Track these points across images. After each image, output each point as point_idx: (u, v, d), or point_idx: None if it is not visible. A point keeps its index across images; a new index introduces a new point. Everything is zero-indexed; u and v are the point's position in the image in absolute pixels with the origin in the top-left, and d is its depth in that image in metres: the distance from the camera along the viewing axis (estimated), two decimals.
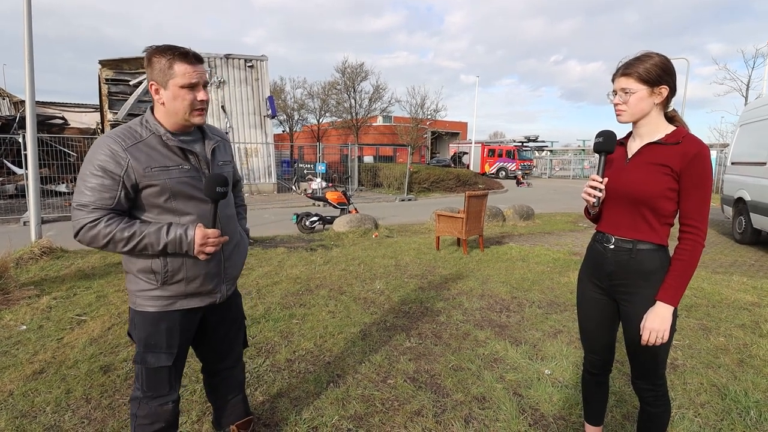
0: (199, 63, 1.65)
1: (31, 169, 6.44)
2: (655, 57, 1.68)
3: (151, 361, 1.71)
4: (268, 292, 4.76)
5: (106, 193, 1.55)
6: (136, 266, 1.67)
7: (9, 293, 4.52)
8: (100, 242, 1.56)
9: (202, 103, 1.65)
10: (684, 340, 3.58)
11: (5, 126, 17.67)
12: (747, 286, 5.13)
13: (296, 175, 21.29)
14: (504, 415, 2.55)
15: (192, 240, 1.59)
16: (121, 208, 1.60)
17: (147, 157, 1.59)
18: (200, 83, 1.64)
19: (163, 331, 1.71)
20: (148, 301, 1.69)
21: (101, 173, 1.55)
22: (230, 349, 2.03)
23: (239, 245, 1.92)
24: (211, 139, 1.79)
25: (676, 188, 1.67)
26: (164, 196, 1.62)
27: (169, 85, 1.60)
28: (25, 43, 6.20)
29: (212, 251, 1.64)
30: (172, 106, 1.63)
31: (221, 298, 1.83)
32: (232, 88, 18.35)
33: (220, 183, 1.62)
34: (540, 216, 11.59)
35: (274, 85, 32.52)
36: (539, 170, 38.12)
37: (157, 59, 1.60)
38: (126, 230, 1.55)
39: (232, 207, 1.90)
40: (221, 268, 1.79)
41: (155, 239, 1.57)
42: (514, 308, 4.33)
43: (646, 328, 1.68)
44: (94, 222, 1.54)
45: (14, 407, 2.59)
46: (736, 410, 2.60)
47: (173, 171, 1.63)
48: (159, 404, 1.76)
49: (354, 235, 8.35)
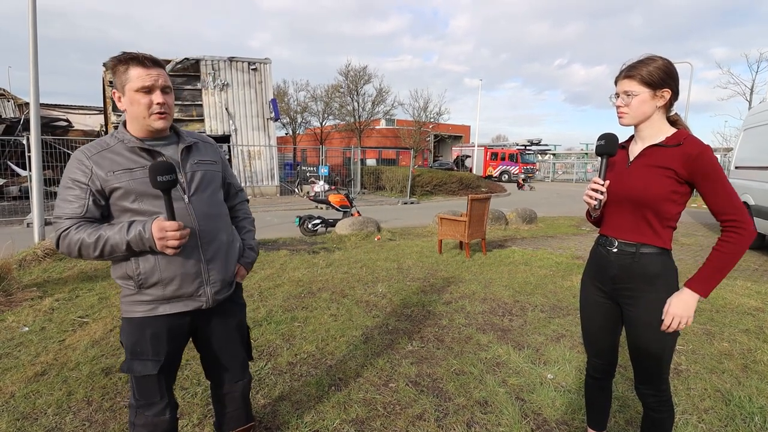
0: (156, 66, 1.63)
1: (35, 171, 6.47)
2: (659, 60, 1.67)
3: (137, 369, 1.69)
4: (270, 295, 4.75)
5: (75, 203, 1.58)
6: (116, 273, 1.68)
7: (12, 295, 4.53)
8: (74, 250, 1.58)
9: (161, 106, 1.63)
10: (688, 345, 3.56)
11: (10, 128, 17.78)
12: (751, 290, 5.10)
13: (299, 177, 21.31)
14: (506, 419, 2.53)
15: (150, 235, 1.56)
16: (91, 216, 1.60)
17: (110, 162, 1.61)
18: (155, 86, 1.62)
19: (148, 337, 1.69)
20: (131, 307, 1.69)
21: (71, 184, 1.59)
22: (230, 360, 1.96)
23: (228, 248, 1.86)
24: (186, 140, 1.77)
25: (679, 191, 1.66)
26: (130, 197, 1.61)
27: (126, 90, 1.61)
28: (30, 45, 6.23)
29: (176, 244, 1.59)
30: (131, 111, 1.63)
31: (208, 302, 1.77)
32: (236, 90, 18.42)
33: (161, 171, 1.52)
34: (543, 219, 11.57)
35: (277, 87, 32.62)
36: (542, 174, 38.11)
37: (117, 67, 1.61)
38: (92, 235, 1.56)
39: (217, 207, 1.83)
40: (201, 270, 1.73)
41: (119, 239, 1.56)
42: (517, 312, 4.32)
43: (669, 313, 1.66)
44: (65, 231, 1.57)
45: (16, 409, 2.59)
46: (741, 416, 2.58)
47: (137, 172, 1.61)
48: (154, 414, 1.74)
49: (356, 238, 8.34)
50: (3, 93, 21.25)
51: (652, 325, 1.72)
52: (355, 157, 21.08)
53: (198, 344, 1.93)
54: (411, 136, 31.10)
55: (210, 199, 1.80)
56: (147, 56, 1.63)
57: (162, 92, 1.63)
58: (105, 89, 18.35)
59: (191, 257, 1.70)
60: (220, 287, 1.81)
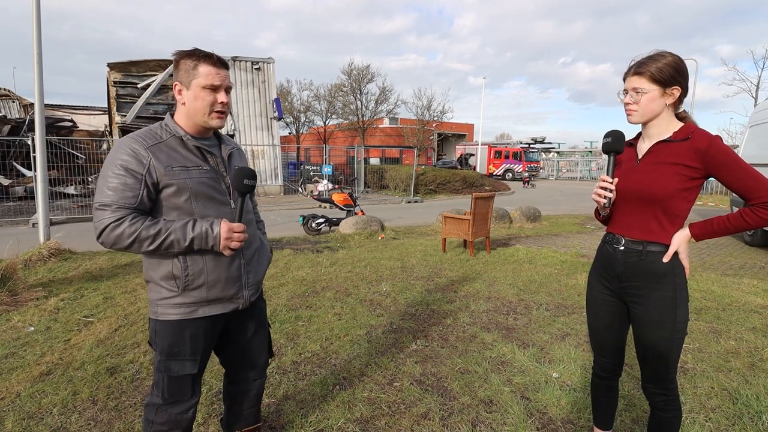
0: (224, 67, 1.69)
1: (40, 171, 6.50)
2: (669, 56, 1.65)
3: (175, 369, 1.70)
4: (275, 294, 4.76)
5: (129, 192, 1.54)
6: (158, 273, 1.65)
7: (17, 294, 4.56)
8: (125, 242, 1.53)
9: (222, 105, 1.68)
10: (694, 343, 3.53)
11: (15, 128, 17.87)
12: (758, 288, 5.07)
13: (302, 177, 21.32)
14: (511, 418, 2.52)
15: (218, 234, 1.58)
16: (143, 208, 1.58)
17: (168, 156, 1.61)
18: (222, 86, 1.67)
19: (187, 338, 1.69)
20: (170, 309, 1.67)
21: (123, 172, 1.54)
22: (256, 358, 2.00)
23: (260, 251, 1.90)
24: (228, 145, 1.82)
25: (689, 186, 1.64)
26: (184, 196, 1.61)
27: (192, 85, 1.63)
28: (34, 46, 6.25)
29: (237, 246, 1.63)
30: (192, 106, 1.65)
31: (244, 304, 1.81)
32: (239, 90, 18.46)
33: (247, 175, 1.63)
34: (547, 218, 11.53)
35: (280, 87, 32.65)
36: (546, 172, 37.95)
37: (184, 61, 1.64)
38: (151, 228, 1.54)
39: (251, 213, 1.89)
40: (242, 273, 1.78)
41: (181, 235, 1.56)
42: (522, 311, 4.30)
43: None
44: (118, 221, 1.52)
45: (21, 408, 2.60)
46: (748, 415, 2.56)
47: (193, 171, 1.64)
48: (179, 412, 1.74)
49: (360, 237, 8.34)
50: (8, 94, 21.36)
51: (659, 324, 1.70)
52: (358, 156, 21.06)
53: (226, 341, 1.93)
54: (414, 134, 31.02)
55: (246, 205, 1.83)
56: (217, 57, 1.68)
57: (226, 92, 1.69)
58: (109, 89, 18.40)
59: (234, 261, 1.74)
60: (255, 289, 1.87)
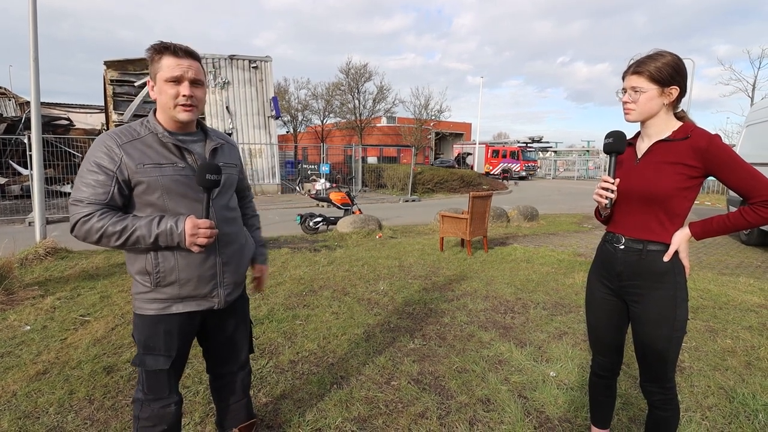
0: (188, 57, 1.62)
1: (36, 170, 6.46)
2: (668, 56, 1.65)
3: (149, 364, 1.71)
4: (272, 293, 4.75)
5: (100, 189, 1.56)
6: (134, 268, 1.67)
7: (13, 293, 4.53)
8: (93, 236, 1.55)
9: (186, 98, 1.61)
10: (691, 342, 3.54)
11: (11, 127, 17.78)
12: (754, 287, 5.09)
13: (300, 175, 21.31)
14: (509, 417, 2.53)
15: (183, 230, 1.57)
16: (114, 204, 1.59)
17: (141, 153, 1.59)
18: (184, 77, 1.61)
19: (161, 334, 1.71)
20: (145, 304, 1.69)
21: (96, 169, 1.56)
22: (234, 353, 2.01)
23: (242, 251, 1.88)
24: (213, 141, 1.78)
25: (689, 185, 1.64)
26: (156, 193, 1.60)
27: (157, 78, 1.61)
28: (30, 44, 6.21)
29: (204, 242, 1.59)
30: (160, 101, 1.64)
31: (220, 303, 1.79)
32: (236, 88, 18.41)
33: (211, 170, 1.58)
34: (544, 217, 11.55)
35: (278, 85, 32.57)
36: (544, 171, 38.01)
37: (151, 55, 1.62)
38: (118, 224, 1.55)
39: (234, 211, 1.86)
40: (217, 272, 1.75)
41: (146, 231, 1.56)
42: (519, 309, 4.31)
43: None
44: (87, 216, 1.55)
45: (17, 408, 2.58)
46: (744, 413, 2.57)
47: (166, 168, 1.61)
48: (161, 406, 1.76)
49: (358, 236, 8.34)
50: (4, 92, 21.27)
51: (658, 323, 1.71)
52: (356, 155, 21.07)
53: (204, 337, 1.94)
54: (412, 133, 31.03)
55: (229, 202, 1.82)
56: (181, 47, 1.62)
57: (191, 84, 1.63)
58: (106, 88, 18.33)
59: (209, 259, 1.71)
60: (232, 289, 1.84)
